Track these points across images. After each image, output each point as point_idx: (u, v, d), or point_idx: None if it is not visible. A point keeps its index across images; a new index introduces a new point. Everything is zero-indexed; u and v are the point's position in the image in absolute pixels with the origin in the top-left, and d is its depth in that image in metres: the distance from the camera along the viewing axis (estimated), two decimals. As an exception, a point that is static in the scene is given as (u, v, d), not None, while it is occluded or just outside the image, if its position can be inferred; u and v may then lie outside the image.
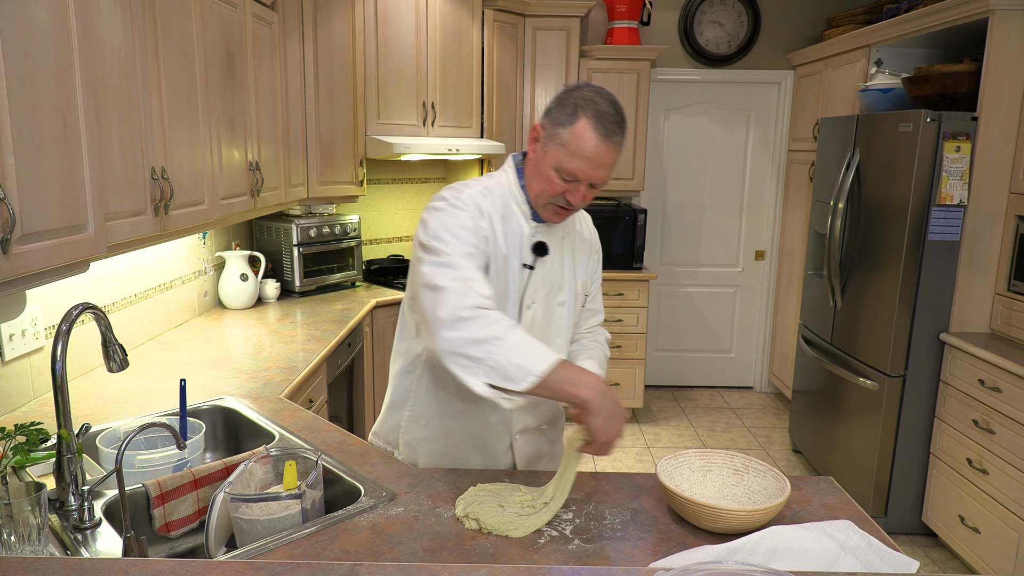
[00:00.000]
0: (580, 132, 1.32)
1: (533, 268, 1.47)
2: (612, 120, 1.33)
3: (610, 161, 1.34)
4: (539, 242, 1.46)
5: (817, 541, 1.16)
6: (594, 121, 1.31)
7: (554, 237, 1.50)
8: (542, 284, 1.49)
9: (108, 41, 1.62)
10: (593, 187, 1.38)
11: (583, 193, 1.37)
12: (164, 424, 1.30)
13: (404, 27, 3.50)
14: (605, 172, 1.35)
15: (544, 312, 1.51)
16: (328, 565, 1.03)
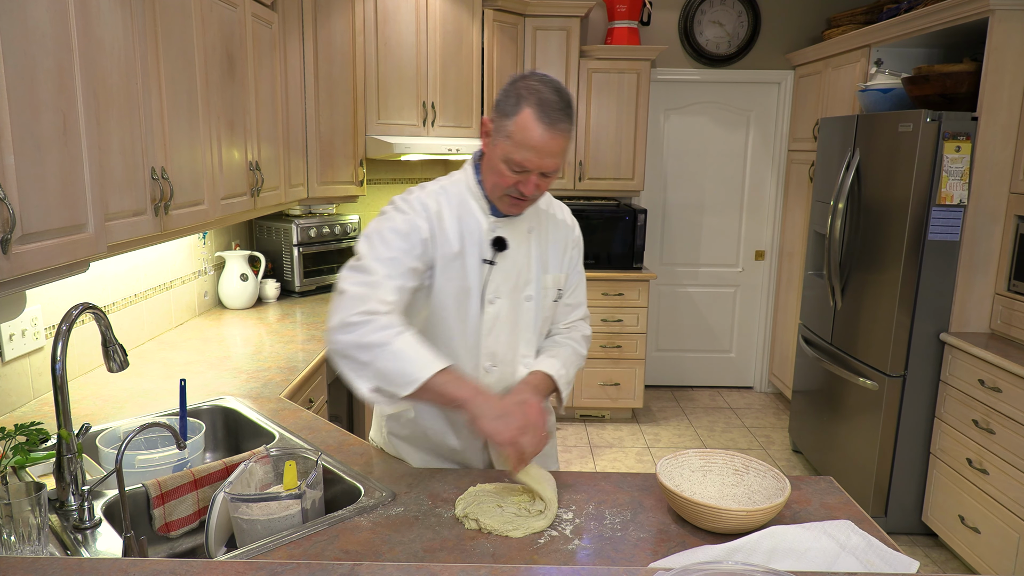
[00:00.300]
0: (524, 123, 1.31)
1: (494, 263, 1.46)
2: (556, 108, 1.32)
3: (557, 149, 1.33)
4: (497, 237, 1.46)
5: (817, 541, 1.16)
6: (537, 110, 1.31)
7: (517, 231, 1.49)
8: (505, 279, 1.48)
9: (108, 41, 1.62)
10: (545, 176, 1.37)
11: (535, 183, 1.37)
12: (164, 424, 1.30)
13: (404, 27, 3.50)
14: (554, 160, 1.35)
15: (510, 307, 1.50)
16: (328, 565, 1.03)
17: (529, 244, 1.52)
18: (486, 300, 1.47)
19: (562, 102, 1.33)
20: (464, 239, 1.44)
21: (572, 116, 1.35)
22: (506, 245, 1.46)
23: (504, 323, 1.50)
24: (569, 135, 1.35)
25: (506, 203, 1.43)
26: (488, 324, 1.48)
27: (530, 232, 1.52)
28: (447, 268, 1.43)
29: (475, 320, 1.47)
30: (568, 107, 1.34)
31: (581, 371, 1.56)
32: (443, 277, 1.43)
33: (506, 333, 1.50)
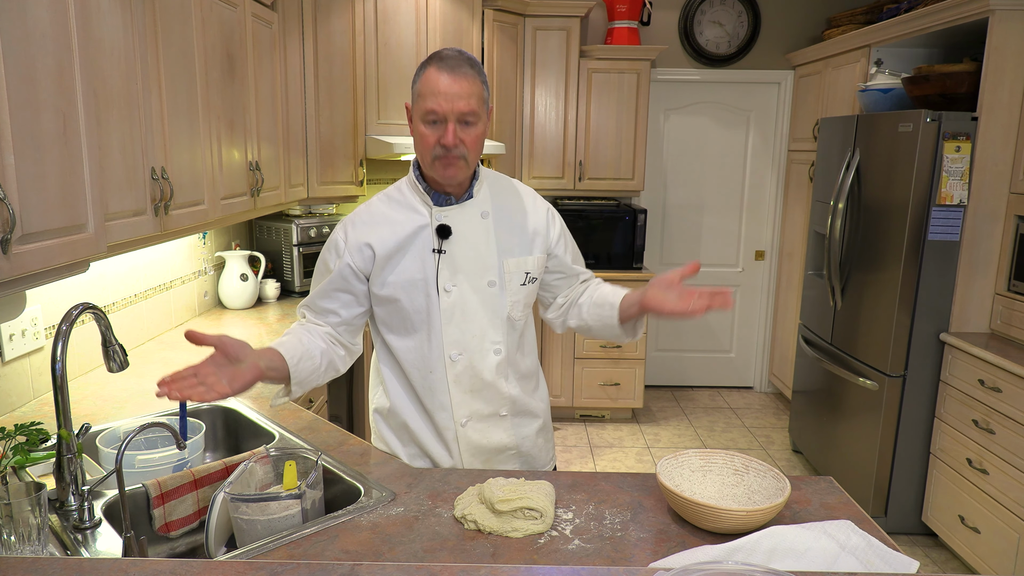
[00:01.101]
0: (427, 76, 1.40)
1: (443, 252, 1.49)
2: (456, 59, 1.39)
3: (465, 90, 1.37)
4: (440, 225, 1.49)
5: (817, 541, 1.16)
6: (437, 63, 1.39)
7: (467, 216, 1.51)
8: (459, 266, 1.50)
9: (108, 41, 1.62)
10: (466, 125, 1.40)
11: (453, 131, 1.39)
12: (164, 424, 1.30)
13: (404, 27, 3.50)
14: (465, 102, 1.38)
15: (472, 293, 1.50)
16: (328, 565, 1.03)
17: (486, 229, 1.52)
18: (441, 289, 1.49)
19: (463, 56, 1.40)
20: (402, 237, 1.50)
21: (477, 68, 1.41)
22: (450, 232, 1.49)
23: (466, 311, 1.51)
24: (475, 80, 1.39)
25: (439, 168, 1.44)
26: (447, 313, 1.50)
27: (484, 217, 1.52)
28: (386, 268, 1.50)
29: (434, 310, 1.50)
30: (472, 61, 1.41)
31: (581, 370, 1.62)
32: (386, 276, 1.50)
33: (470, 321, 1.51)
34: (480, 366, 1.53)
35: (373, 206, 1.57)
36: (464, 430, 1.56)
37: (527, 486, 1.31)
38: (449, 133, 1.39)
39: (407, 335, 1.54)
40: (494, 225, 1.53)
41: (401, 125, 3.58)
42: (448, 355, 1.52)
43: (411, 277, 1.49)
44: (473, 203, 1.52)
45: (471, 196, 1.52)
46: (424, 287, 1.49)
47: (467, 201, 1.51)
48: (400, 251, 1.49)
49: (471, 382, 1.54)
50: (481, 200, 1.53)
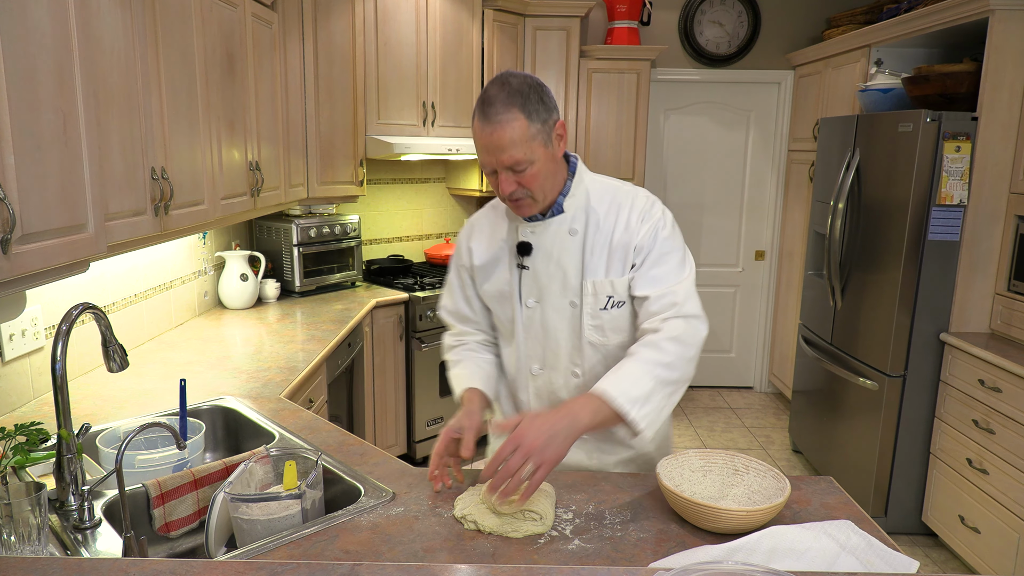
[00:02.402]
0: (474, 127, 1.35)
1: (525, 267, 1.48)
2: (495, 102, 1.31)
3: (505, 139, 1.30)
4: (521, 242, 1.47)
5: (817, 541, 1.16)
6: (479, 111, 1.33)
7: (552, 234, 1.44)
8: (540, 283, 1.48)
9: (108, 41, 1.62)
10: (516, 171, 1.34)
11: (505, 180, 1.35)
12: (164, 424, 1.30)
13: (404, 27, 3.50)
14: (507, 154, 1.31)
15: (552, 311, 1.48)
16: (328, 565, 1.03)
17: (572, 246, 1.44)
18: (524, 304, 1.50)
19: (503, 93, 1.31)
20: (497, 247, 1.52)
21: (521, 103, 1.30)
22: (529, 250, 1.46)
23: (545, 327, 1.49)
24: (515, 123, 1.30)
25: (511, 208, 1.43)
26: (527, 328, 1.51)
27: (573, 234, 1.44)
28: (481, 275, 1.55)
29: (518, 322, 1.52)
30: (513, 96, 1.30)
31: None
32: (482, 283, 1.56)
33: (550, 338, 1.49)
34: (558, 385, 1.53)
35: (484, 213, 1.59)
36: None
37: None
38: (503, 184, 1.36)
39: (504, 341, 1.59)
40: (584, 242, 1.44)
41: (401, 125, 3.58)
42: (530, 368, 1.54)
43: (500, 288, 1.52)
44: (562, 219, 1.44)
45: (561, 211, 1.44)
46: (510, 299, 1.51)
47: (555, 217, 1.44)
48: (494, 261, 1.52)
49: (550, 398, 1.54)
50: (572, 216, 1.44)
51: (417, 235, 4.32)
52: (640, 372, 1.31)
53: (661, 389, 1.32)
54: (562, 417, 1.25)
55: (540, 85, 1.35)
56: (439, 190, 4.38)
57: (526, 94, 1.32)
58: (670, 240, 1.44)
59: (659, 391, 1.31)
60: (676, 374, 1.34)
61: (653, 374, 1.31)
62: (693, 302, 1.42)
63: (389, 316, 3.41)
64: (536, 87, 1.34)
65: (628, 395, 1.28)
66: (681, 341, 1.35)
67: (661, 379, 1.31)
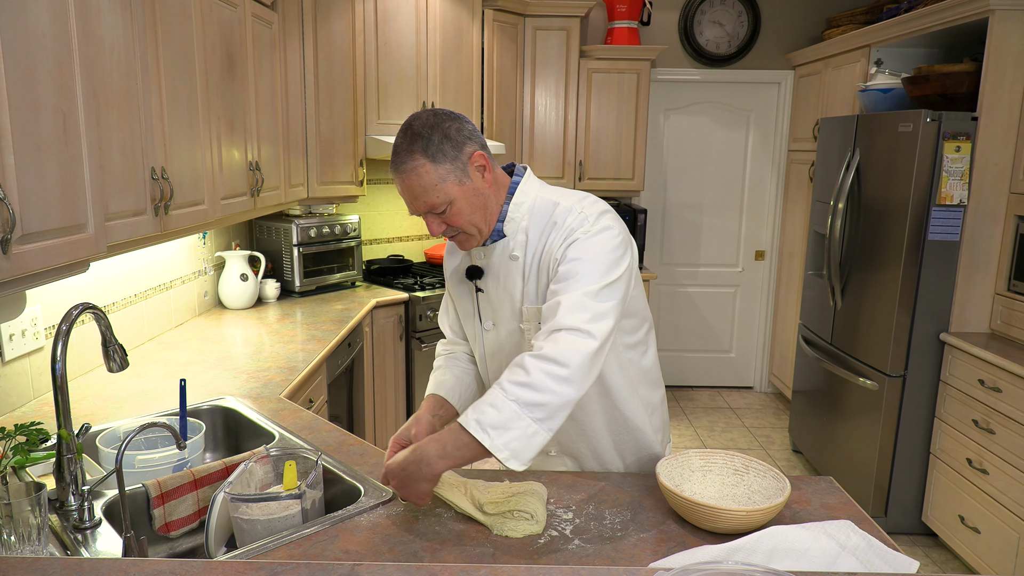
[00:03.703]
0: None
1: (480, 291, 1.48)
2: (399, 150, 1.29)
3: (413, 188, 1.29)
4: (471, 266, 1.46)
5: (817, 541, 1.16)
6: (391, 160, 1.32)
7: (499, 258, 1.41)
8: (494, 306, 1.46)
9: (108, 41, 1.62)
10: (437, 214, 1.31)
11: (431, 222, 1.34)
12: (164, 424, 1.30)
13: (404, 27, 3.50)
14: (422, 200, 1.29)
15: (507, 335, 1.46)
16: (328, 565, 1.03)
17: (515, 271, 1.40)
18: (483, 326, 1.51)
19: (405, 140, 1.28)
20: (461, 269, 1.52)
21: (422, 146, 1.26)
22: (479, 273, 1.45)
23: (502, 350, 1.49)
24: (417, 171, 1.27)
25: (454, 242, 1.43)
26: (488, 349, 1.52)
27: (515, 260, 1.39)
28: (454, 293, 1.57)
29: (480, 343, 1.53)
30: (415, 141, 1.27)
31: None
32: (454, 299, 1.57)
33: (505, 359, 1.47)
34: None
35: None
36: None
37: (514, 488, 1.31)
38: (431, 226, 1.34)
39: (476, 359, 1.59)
40: (525, 266, 1.39)
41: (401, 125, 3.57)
42: None
43: (465, 308, 1.54)
44: (504, 243, 1.40)
45: (503, 235, 1.39)
46: (473, 320, 1.53)
47: (498, 242, 1.40)
48: (460, 280, 1.52)
49: None
50: (512, 240, 1.39)
51: (417, 235, 4.32)
52: (499, 397, 1.18)
53: (525, 414, 1.16)
54: (414, 460, 1.21)
55: (448, 119, 1.30)
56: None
57: (427, 136, 1.27)
58: (581, 245, 1.29)
59: (522, 416, 1.16)
60: (541, 396, 1.16)
61: (513, 396, 1.17)
62: (579, 314, 1.22)
63: (389, 316, 3.41)
64: (439, 125, 1.28)
65: (482, 422, 1.16)
66: (548, 359, 1.18)
67: (523, 401, 1.16)
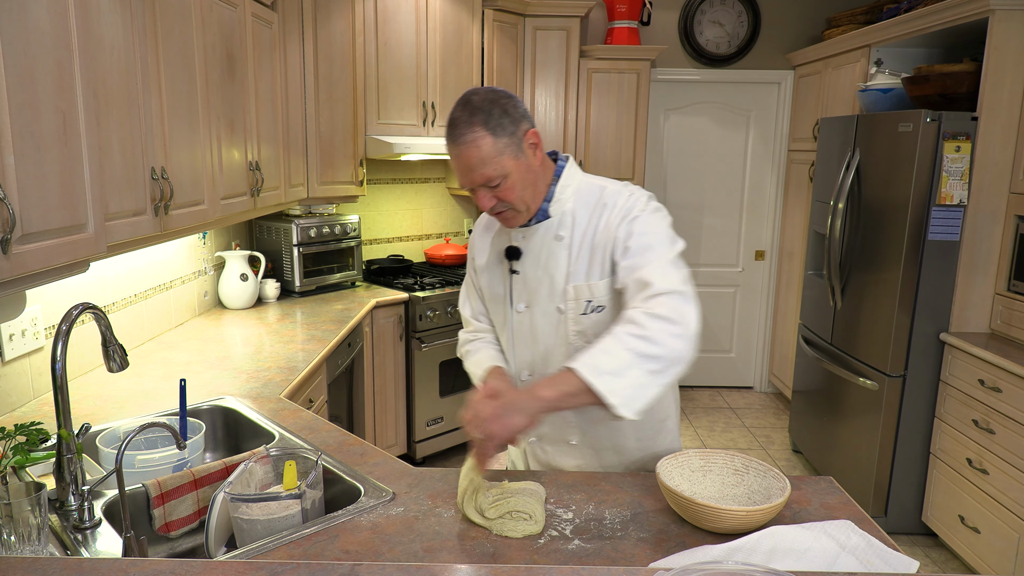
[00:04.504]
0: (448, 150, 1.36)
1: (516, 272, 1.49)
2: (458, 123, 1.32)
3: (470, 160, 1.31)
4: (510, 247, 1.48)
5: (817, 541, 1.16)
6: (446, 133, 1.35)
7: (540, 240, 1.44)
8: (530, 288, 1.47)
9: (108, 41, 1.62)
10: (491, 187, 1.34)
11: (483, 196, 1.36)
12: (164, 424, 1.30)
13: (404, 27, 3.50)
14: (478, 172, 1.32)
15: (541, 317, 1.47)
16: (328, 565, 1.03)
17: (558, 252, 1.43)
18: (514, 309, 1.51)
19: (466, 113, 1.31)
20: (494, 251, 1.53)
21: (483, 119, 1.30)
22: (519, 254, 1.47)
23: (533, 333, 1.49)
24: (476, 143, 1.30)
25: (499, 220, 1.45)
26: (517, 332, 1.52)
27: (559, 239, 1.43)
28: (481, 277, 1.58)
29: (509, 327, 1.53)
30: (475, 113, 1.30)
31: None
32: (482, 285, 1.58)
33: (538, 343, 1.49)
34: None
35: (482, 219, 1.60)
36: (532, 448, 1.59)
37: (512, 487, 1.31)
38: (482, 200, 1.37)
39: (503, 344, 1.59)
40: (569, 247, 1.42)
41: (401, 125, 3.58)
42: (520, 375, 1.54)
43: (495, 292, 1.54)
44: (548, 224, 1.43)
45: (547, 216, 1.43)
46: (503, 303, 1.53)
47: (542, 223, 1.43)
48: (491, 264, 1.54)
49: None
50: (558, 221, 1.43)
51: (417, 235, 4.32)
52: (613, 344, 1.20)
53: (639, 364, 1.18)
54: (518, 393, 1.24)
55: (505, 97, 1.34)
56: (439, 190, 4.38)
57: (487, 110, 1.31)
58: (645, 221, 1.35)
59: (636, 366, 1.18)
60: (657, 349, 1.19)
61: (627, 346, 1.19)
62: (673, 277, 1.27)
63: (389, 316, 3.41)
64: (498, 101, 1.32)
65: (596, 367, 1.18)
66: (662, 317, 1.21)
67: (638, 352, 1.18)
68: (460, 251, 4.13)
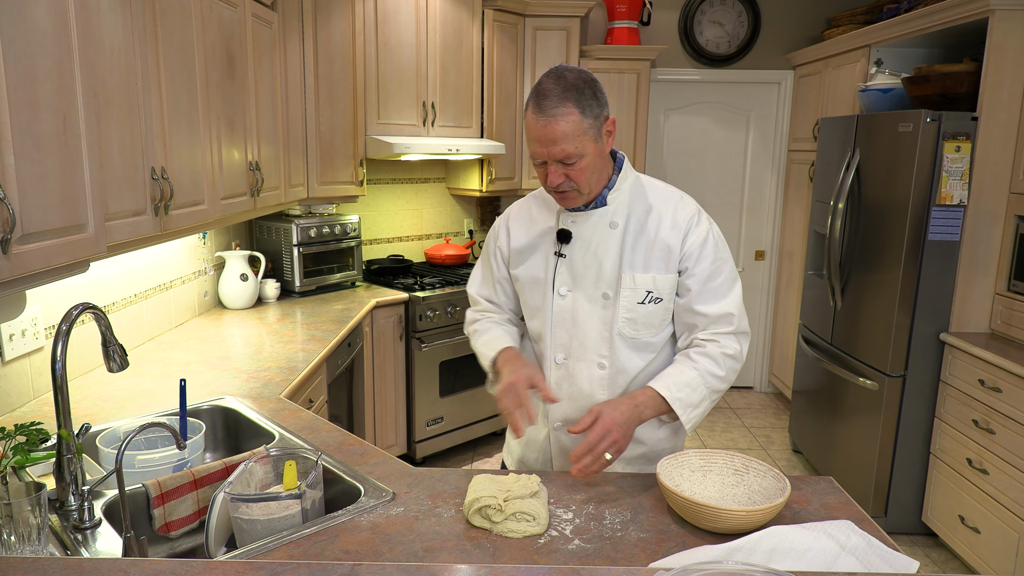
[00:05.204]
0: (527, 118, 1.38)
1: (562, 255, 1.50)
2: (550, 95, 1.34)
3: (556, 133, 1.33)
4: (561, 229, 1.50)
5: (817, 541, 1.16)
6: (533, 103, 1.36)
7: (593, 225, 1.47)
8: (577, 273, 1.50)
9: (108, 41, 1.62)
10: (567, 164, 1.37)
11: (554, 172, 1.39)
12: (164, 424, 1.30)
13: (404, 27, 3.50)
14: (560, 147, 1.34)
15: (584, 302, 1.50)
16: (328, 565, 1.03)
17: (612, 239, 1.47)
18: (556, 292, 1.51)
19: (559, 87, 1.34)
20: (536, 234, 1.55)
21: (575, 97, 1.34)
22: (570, 237, 1.49)
23: (575, 317, 1.51)
24: (570, 118, 1.33)
25: (555, 198, 1.47)
26: (557, 316, 1.52)
27: (614, 227, 1.47)
28: (516, 259, 1.59)
29: (547, 311, 1.53)
30: (568, 90, 1.34)
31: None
32: (516, 267, 1.59)
33: (579, 328, 1.51)
34: (580, 375, 1.53)
35: (526, 200, 1.63)
36: (557, 434, 1.59)
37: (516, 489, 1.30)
38: (551, 176, 1.39)
39: (531, 328, 1.60)
40: (624, 236, 1.47)
41: (401, 125, 3.58)
42: (554, 357, 1.54)
43: (534, 275, 1.55)
44: (604, 211, 1.47)
45: (604, 203, 1.47)
46: (543, 287, 1.53)
47: (597, 209, 1.48)
48: (531, 248, 1.55)
49: (570, 390, 1.54)
50: (614, 209, 1.48)
51: (417, 235, 4.32)
52: (698, 381, 1.44)
53: (709, 397, 1.46)
54: (633, 408, 1.39)
55: (594, 81, 1.38)
56: (439, 190, 4.38)
57: (580, 89, 1.35)
58: (722, 253, 1.49)
59: (708, 399, 1.46)
60: (724, 385, 1.47)
61: (707, 384, 1.44)
62: (745, 319, 1.51)
63: (389, 316, 3.41)
64: (590, 83, 1.37)
65: (684, 401, 1.42)
66: (736, 359, 1.47)
67: (712, 388, 1.45)
68: (460, 251, 4.13)
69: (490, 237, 1.65)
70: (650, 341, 1.51)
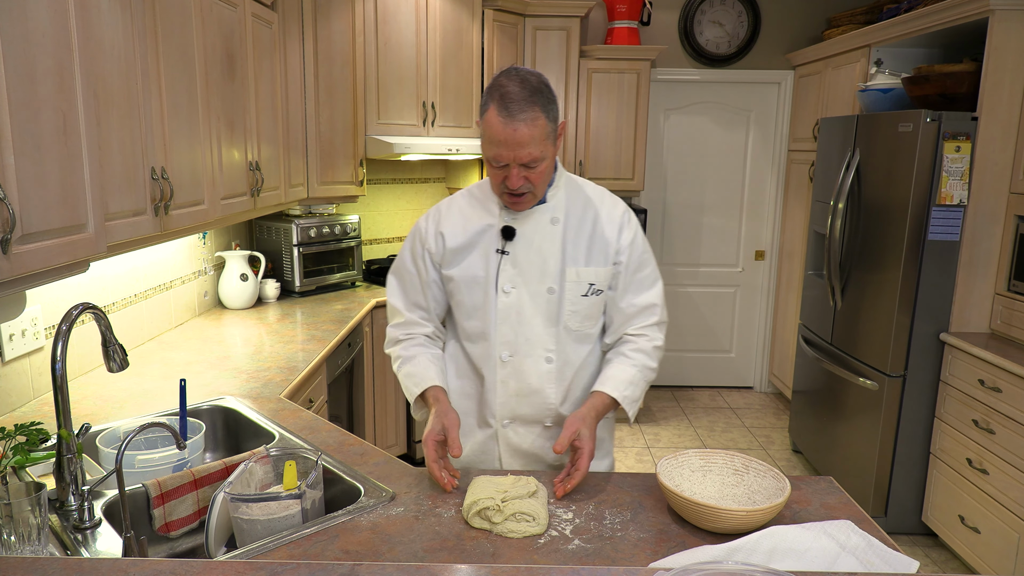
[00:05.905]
0: (488, 120, 1.37)
1: (505, 252, 1.50)
2: (517, 99, 1.33)
3: (523, 138, 1.34)
4: (505, 226, 1.50)
5: (817, 541, 1.16)
6: (498, 105, 1.35)
7: (535, 221, 1.50)
8: (521, 269, 1.50)
9: (108, 41, 1.62)
10: (528, 167, 1.38)
11: (516, 175, 1.38)
12: (164, 424, 1.30)
13: (404, 27, 3.50)
14: (526, 151, 1.35)
15: (529, 298, 1.50)
16: (328, 565, 1.03)
17: (553, 235, 1.50)
18: (500, 290, 1.51)
19: (525, 91, 1.34)
20: (472, 233, 1.53)
21: (542, 102, 1.35)
22: (514, 234, 1.49)
23: (520, 314, 1.51)
24: (535, 123, 1.34)
25: (507, 201, 1.47)
26: (502, 314, 1.52)
27: (555, 223, 1.50)
28: (452, 260, 1.55)
29: (491, 309, 1.52)
30: (534, 94, 1.35)
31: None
32: (451, 268, 1.55)
33: (524, 324, 1.51)
34: (528, 371, 1.53)
35: (455, 199, 1.60)
36: (505, 431, 1.59)
37: (516, 489, 1.31)
38: (513, 179, 1.39)
39: (462, 324, 1.58)
40: (564, 232, 1.51)
41: (401, 125, 3.58)
42: (499, 355, 1.54)
43: (473, 274, 1.53)
44: (545, 208, 1.50)
45: (544, 201, 1.50)
46: (484, 285, 1.52)
47: (539, 206, 1.50)
48: (468, 247, 1.53)
49: (518, 386, 1.54)
50: (554, 206, 1.51)
51: (417, 235, 4.31)
52: (638, 377, 1.54)
53: (646, 387, 1.58)
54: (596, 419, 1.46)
55: (549, 83, 1.40)
56: (439, 190, 4.38)
57: (543, 92, 1.37)
58: (647, 247, 1.60)
59: (645, 389, 1.58)
60: (655, 375, 1.59)
61: (645, 378, 1.56)
62: (665, 309, 1.62)
63: (389, 316, 3.41)
64: (548, 85, 1.39)
65: (631, 398, 1.52)
66: (662, 349, 1.60)
67: (648, 380, 1.58)
68: (460, 251, 4.12)
69: (412, 241, 1.60)
70: (590, 332, 1.57)
